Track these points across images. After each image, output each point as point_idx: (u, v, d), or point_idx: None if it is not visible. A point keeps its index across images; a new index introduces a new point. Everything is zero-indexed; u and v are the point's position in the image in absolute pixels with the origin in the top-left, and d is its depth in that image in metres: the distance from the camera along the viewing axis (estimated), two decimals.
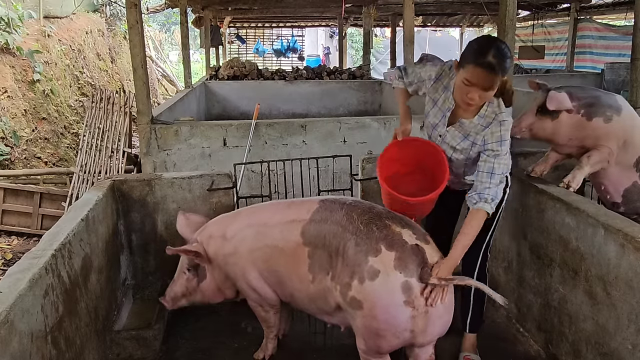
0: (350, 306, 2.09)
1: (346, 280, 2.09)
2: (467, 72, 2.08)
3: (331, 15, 12.54)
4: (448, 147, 2.37)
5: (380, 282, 2.00)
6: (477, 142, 2.28)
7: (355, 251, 2.08)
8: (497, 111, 2.24)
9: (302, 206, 2.35)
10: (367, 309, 2.04)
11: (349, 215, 2.19)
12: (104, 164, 5.63)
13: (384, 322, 2.04)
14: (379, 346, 2.13)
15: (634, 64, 4.16)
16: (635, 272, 1.98)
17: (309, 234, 2.24)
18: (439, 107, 2.37)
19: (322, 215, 2.25)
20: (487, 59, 2.03)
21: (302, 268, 2.25)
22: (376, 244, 2.06)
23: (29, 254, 1.99)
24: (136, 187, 3.05)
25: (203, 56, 12.45)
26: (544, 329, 2.67)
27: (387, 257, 2.02)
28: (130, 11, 3.96)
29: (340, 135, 4.35)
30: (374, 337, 2.10)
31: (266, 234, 2.36)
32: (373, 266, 2.03)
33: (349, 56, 18.52)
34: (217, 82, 8.73)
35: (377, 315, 2.03)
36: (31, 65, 8.07)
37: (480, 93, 2.10)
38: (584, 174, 2.69)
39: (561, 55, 11.40)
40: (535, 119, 2.72)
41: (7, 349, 1.54)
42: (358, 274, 2.05)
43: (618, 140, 2.67)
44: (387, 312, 2.02)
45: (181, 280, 2.62)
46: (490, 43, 2.08)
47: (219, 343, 2.78)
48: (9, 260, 4.96)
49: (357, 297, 2.05)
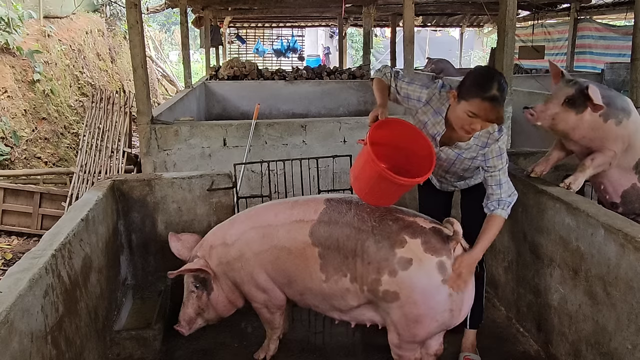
0: (385, 300, 2.14)
1: (373, 277, 2.14)
2: (472, 106, 2.13)
3: (331, 15, 12.54)
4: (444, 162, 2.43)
5: (415, 268, 2.08)
6: (477, 158, 2.35)
7: (377, 248, 2.14)
8: (491, 130, 2.30)
9: (308, 206, 2.36)
10: (405, 297, 2.10)
11: (359, 215, 2.24)
12: (104, 164, 5.63)
13: (424, 306, 2.11)
14: (416, 334, 2.18)
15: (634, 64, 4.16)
16: (635, 272, 1.98)
17: (319, 235, 2.26)
18: (427, 130, 2.39)
19: (331, 216, 2.28)
20: (492, 92, 2.09)
21: (313, 267, 2.28)
22: (398, 235, 2.13)
23: (29, 254, 1.99)
24: (136, 187, 3.05)
25: (203, 56, 12.45)
26: (544, 329, 2.67)
27: (415, 245, 2.11)
28: (130, 11, 3.96)
29: (340, 135, 4.35)
30: (412, 325, 2.15)
31: (272, 235, 2.36)
32: (403, 256, 2.10)
33: (349, 56, 18.53)
34: (217, 82, 8.74)
35: (417, 301, 2.10)
36: (31, 65, 8.07)
37: (483, 124, 2.16)
38: (585, 177, 2.68)
39: (561, 55, 11.40)
40: (560, 110, 2.64)
41: (7, 349, 1.54)
42: (387, 268, 2.11)
43: (623, 144, 2.66)
44: (427, 295, 2.09)
45: (191, 300, 2.56)
46: (493, 76, 2.14)
47: (219, 343, 2.78)
48: (9, 260, 4.96)
49: (390, 290, 2.11)
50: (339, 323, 2.45)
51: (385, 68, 2.56)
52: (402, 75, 2.50)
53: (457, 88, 2.23)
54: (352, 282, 2.21)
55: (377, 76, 2.54)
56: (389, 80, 2.49)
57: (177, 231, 3.11)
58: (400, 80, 2.47)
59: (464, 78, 2.24)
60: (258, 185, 4.12)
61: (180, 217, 3.11)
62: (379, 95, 2.47)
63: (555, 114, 2.66)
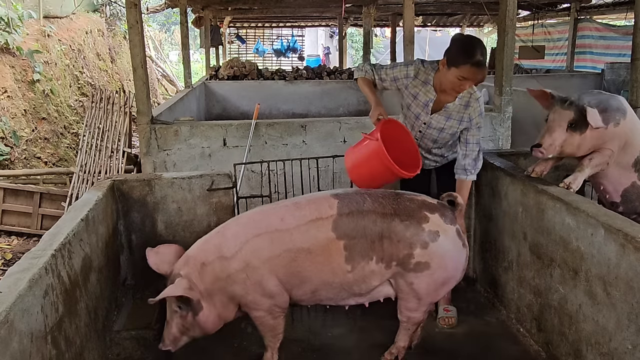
0: (415, 271, 2.36)
1: (405, 252, 2.34)
2: (462, 71, 2.54)
3: (331, 15, 12.54)
4: (434, 131, 2.82)
5: (443, 239, 2.36)
6: (463, 119, 2.74)
7: (405, 226, 2.35)
8: (471, 91, 2.72)
9: (319, 204, 2.39)
10: (436, 264, 2.35)
11: (377, 202, 2.41)
12: (104, 164, 5.63)
13: (453, 269, 2.42)
14: (438, 295, 2.50)
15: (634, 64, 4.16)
16: (635, 272, 1.98)
17: (344, 228, 2.34)
18: (420, 100, 2.79)
19: (350, 207, 2.38)
20: (477, 58, 2.49)
21: (338, 261, 2.34)
22: (420, 213, 2.38)
23: (29, 254, 1.99)
24: (136, 187, 3.05)
25: (203, 56, 12.45)
26: (544, 329, 2.67)
27: (436, 218, 2.38)
28: (130, 11, 3.95)
29: (340, 135, 4.34)
30: (439, 288, 2.44)
31: (284, 239, 2.32)
32: (431, 230, 2.35)
33: (349, 56, 18.51)
34: (217, 82, 8.73)
35: (447, 266, 2.39)
36: (31, 65, 8.06)
37: (471, 84, 2.59)
38: (585, 176, 2.68)
39: (561, 55, 11.39)
40: (567, 136, 2.61)
41: (7, 349, 1.54)
42: (419, 242, 2.34)
43: (620, 142, 2.66)
44: (455, 259, 2.41)
45: (175, 320, 2.40)
46: (476, 44, 2.53)
47: (219, 343, 2.78)
48: (9, 260, 4.96)
49: (423, 261, 2.34)
50: (340, 323, 2.46)
51: (365, 65, 2.89)
52: (379, 65, 2.87)
53: (445, 56, 2.61)
54: (377, 263, 2.37)
55: (360, 75, 2.88)
56: (372, 75, 2.86)
57: (177, 231, 3.12)
58: (382, 69, 2.85)
59: (449, 47, 2.61)
60: (258, 185, 4.12)
61: (180, 217, 3.10)
62: (369, 94, 2.82)
63: (563, 142, 2.63)
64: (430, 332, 2.93)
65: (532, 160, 3.11)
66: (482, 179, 3.23)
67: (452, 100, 2.73)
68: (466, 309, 3.13)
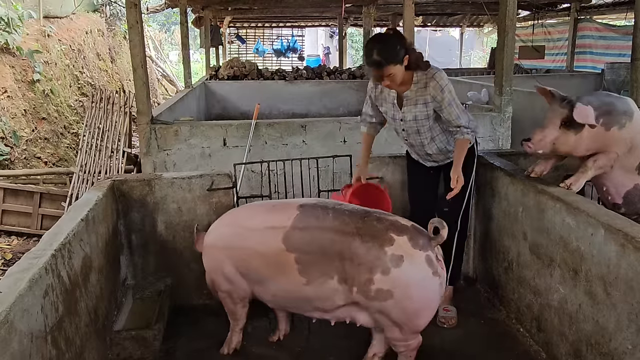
0: (377, 299, 2.19)
1: (365, 277, 2.17)
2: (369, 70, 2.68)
3: (331, 15, 12.54)
4: (411, 123, 2.83)
5: (407, 265, 2.16)
6: (427, 101, 2.74)
7: (367, 248, 2.18)
8: (426, 73, 2.71)
9: (282, 212, 2.41)
10: (400, 294, 2.17)
11: (339, 218, 2.28)
12: (104, 164, 5.63)
13: (420, 299, 2.21)
14: (417, 325, 2.29)
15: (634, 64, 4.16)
16: (635, 272, 1.97)
17: (294, 241, 2.30)
18: (388, 101, 2.87)
19: (307, 222, 2.31)
20: (372, 58, 2.55)
21: (291, 272, 2.30)
22: (385, 234, 2.19)
23: (29, 254, 1.99)
24: (136, 187, 3.05)
25: (203, 56, 12.45)
26: (544, 329, 2.67)
27: (402, 242, 2.18)
28: (130, 11, 3.96)
29: (340, 135, 4.35)
30: (412, 319, 2.24)
31: (244, 236, 2.43)
32: (394, 254, 2.16)
33: (349, 56, 18.52)
34: (217, 82, 8.74)
35: (412, 296, 2.18)
36: (31, 65, 8.06)
37: (385, 80, 2.61)
38: (587, 178, 2.65)
39: (561, 55, 11.40)
40: (559, 133, 2.61)
41: (7, 349, 1.54)
42: (379, 267, 2.16)
43: (626, 145, 2.63)
44: (422, 289, 2.20)
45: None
46: (372, 43, 2.60)
47: (219, 343, 2.78)
48: (9, 260, 4.95)
49: (384, 288, 2.16)
50: (341, 323, 2.45)
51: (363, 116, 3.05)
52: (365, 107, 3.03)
53: None
54: (340, 283, 2.25)
55: (363, 130, 3.07)
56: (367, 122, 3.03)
57: (177, 231, 3.12)
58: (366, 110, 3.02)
59: None
60: (258, 185, 4.12)
61: (180, 217, 3.10)
62: (362, 151, 3.04)
63: (555, 139, 2.62)
64: (430, 332, 2.92)
65: (532, 160, 3.11)
66: (482, 179, 3.23)
67: (407, 89, 2.76)
68: (466, 309, 3.13)
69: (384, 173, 3.37)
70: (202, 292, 3.14)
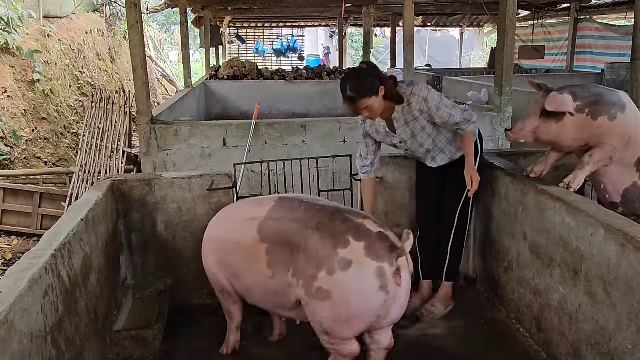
0: (316, 297, 2.15)
1: (311, 272, 2.15)
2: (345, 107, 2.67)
3: (331, 15, 12.55)
4: (411, 140, 2.86)
5: (353, 271, 2.08)
6: (416, 116, 2.77)
7: (322, 245, 2.16)
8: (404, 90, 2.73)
9: (263, 204, 2.47)
10: (338, 298, 2.10)
11: (309, 212, 2.30)
12: (104, 164, 5.63)
13: (356, 309, 2.11)
14: (346, 333, 2.19)
15: (634, 64, 4.17)
16: (635, 272, 1.97)
17: (266, 231, 2.34)
18: (380, 132, 2.89)
19: (280, 213, 2.36)
20: (347, 94, 2.57)
21: (261, 264, 2.34)
22: (343, 236, 2.14)
23: (29, 254, 1.99)
24: (136, 187, 3.05)
25: (203, 56, 12.45)
26: (544, 329, 2.67)
27: (357, 247, 2.11)
28: (130, 11, 3.96)
29: (340, 135, 4.35)
30: (342, 325, 2.16)
31: (228, 229, 2.53)
32: (345, 257, 2.10)
33: (349, 56, 18.51)
34: (217, 82, 8.74)
35: (350, 303, 2.10)
36: (31, 65, 8.06)
37: (364, 112, 2.62)
38: (585, 174, 2.64)
39: (561, 55, 11.41)
40: (539, 122, 2.66)
41: (7, 349, 1.54)
42: (327, 265, 2.11)
43: (622, 138, 2.61)
44: (363, 299, 2.10)
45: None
46: (346, 79, 2.60)
47: (219, 343, 2.78)
48: (9, 260, 4.95)
49: (324, 288, 2.12)
50: None
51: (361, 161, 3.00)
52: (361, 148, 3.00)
53: None
54: (293, 276, 2.23)
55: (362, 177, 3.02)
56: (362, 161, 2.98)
57: (177, 231, 3.12)
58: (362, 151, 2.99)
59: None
60: (258, 185, 4.12)
61: (180, 217, 3.11)
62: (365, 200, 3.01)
63: (535, 128, 2.67)
64: (430, 332, 2.93)
65: (532, 160, 3.12)
66: (482, 179, 3.23)
67: (391, 113, 2.78)
68: (466, 309, 3.13)
69: (384, 173, 3.37)
70: (202, 292, 3.14)
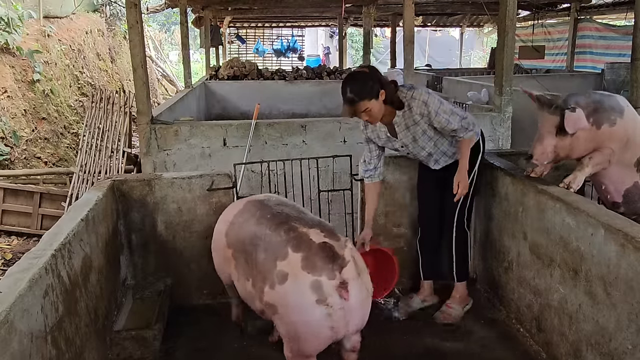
0: (269, 311, 2.14)
1: (259, 285, 2.15)
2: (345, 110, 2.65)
3: (331, 15, 12.54)
4: (412, 144, 2.85)
5: (289, 285, 2.02)
6: (417, 120, 2.75)
7: (265, 257, 2.13)
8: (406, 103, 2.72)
9: (234, 206, 2.54)
10: (282, 312, 2.07)
11: (260, 220, 2.28)
12: (104, 164, 5.63)
13: (300, 324, 2.03)
14: (302, 348, 2.10)
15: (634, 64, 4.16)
16: (635, 272, 1.97)
17: (230, 237, 2.40)
18: (381, 137, 2.90)
19: (242, 217, 2.38)
20: (346, 95, 2.56)
21: (232, 266, 2.40)
22: (284, 247, 2.08)
23: (29, 254, 1.99)
24: (136, 187, 3.05)
25: (203, 56, 12.44)
26: (544, 329, 2.67)
27: (294, 259, 2.03)
28: (130, 11, 3.96)
29: (340, 135, 4.34)
30: (295, 340, 2.09)
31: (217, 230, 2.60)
32: (282, 270, 2.04)
33: (349, 56, 18.52)
34: (217, 82, 8.73)
35: (292, 318, 2.04)
36: (31, 65, 8.06)
37: (362, 116, 2.62)
38: (585, 175, 2.66)
39: (561, 55, 11.40)
40: (556, 141, 2.62)
41: (7, 349, 1.54)
42: (269, 279, 2.08)
43: (621, 141, 2.64)
44: (301, 314, 2.01)
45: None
46: (347, 81, 2.60)
47: (219, 343, 2.78)
48: (9, 260, 4.96)
49: (270, 302, 2.09)
50: None
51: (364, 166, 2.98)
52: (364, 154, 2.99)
53: None
54: (252, 287, 2.21)
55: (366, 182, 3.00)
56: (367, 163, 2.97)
57: (177, 231, 3.12)
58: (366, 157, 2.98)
59: None
60: (258, 185, 4.12)
61: (180, 217, 3.11)
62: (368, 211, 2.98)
63: (554, 148, 2.64)
64: (431, 332, 2.93)
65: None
66: (482, 179, 3.23)
67: (392, 118, 2.77)
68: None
69: (384, 173, 3.37)
70: (202, 292, 3.14)
